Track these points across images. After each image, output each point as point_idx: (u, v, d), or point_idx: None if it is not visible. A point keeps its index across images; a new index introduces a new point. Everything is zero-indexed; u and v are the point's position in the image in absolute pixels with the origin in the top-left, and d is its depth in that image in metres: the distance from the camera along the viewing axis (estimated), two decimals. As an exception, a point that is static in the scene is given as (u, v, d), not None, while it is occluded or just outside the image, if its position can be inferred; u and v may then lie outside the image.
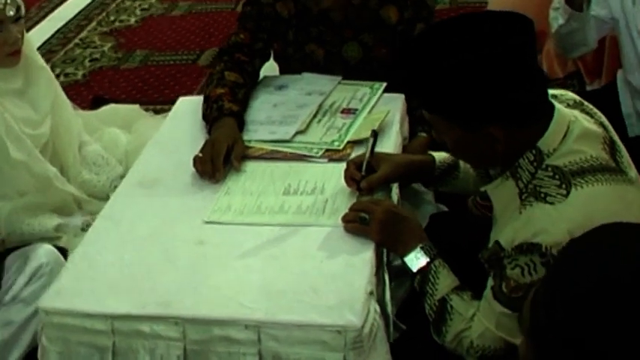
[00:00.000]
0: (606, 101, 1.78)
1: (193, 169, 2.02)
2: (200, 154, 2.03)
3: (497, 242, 1.52)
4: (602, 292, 0.91)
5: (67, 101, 2.48)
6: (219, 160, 1.99)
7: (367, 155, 1.86)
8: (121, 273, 1.72)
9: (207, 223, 1.85)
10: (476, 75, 1.42)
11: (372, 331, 1.57)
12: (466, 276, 1.75)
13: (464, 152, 1.62)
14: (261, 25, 2.39)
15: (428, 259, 1.70)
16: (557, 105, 1.55)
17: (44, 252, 2.08)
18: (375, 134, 1.89)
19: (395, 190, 1.99)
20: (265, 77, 2.49)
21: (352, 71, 2.39)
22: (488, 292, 1.57)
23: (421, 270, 1.70)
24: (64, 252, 2.20)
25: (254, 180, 1.99)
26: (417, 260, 1.71)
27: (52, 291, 1.70)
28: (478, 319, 1.61)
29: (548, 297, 0.94)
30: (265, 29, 2.40)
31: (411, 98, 2.35)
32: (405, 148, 2.25)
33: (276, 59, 2.55)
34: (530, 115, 1.50)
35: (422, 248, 1.71)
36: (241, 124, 2.18)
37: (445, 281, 1.69)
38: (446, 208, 2.49)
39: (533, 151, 1.50)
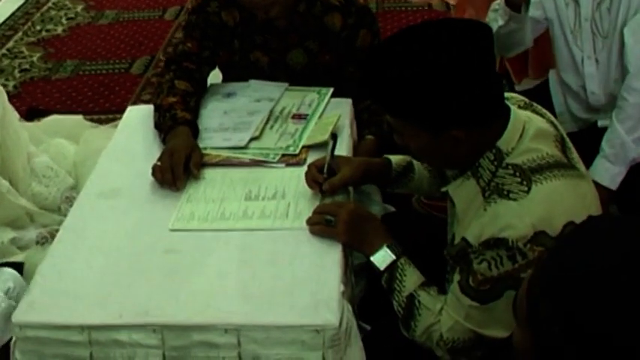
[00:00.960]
0: (538, 100, 1.88)
1: (152, 179, 2.02)
2: (159, 163, 2.04)
3: (464, 239, 1.59)
4: (599, 279, 0.96)
5: (14, 112, 2.46)
6: (179, 169, 2.01)
7: (328, 158, 1.91)
8: (92, 284, 1.72)
9: (173, 230, 1.87)
10: (437, 80, 1.48)
11: (348, 328, 1.62)
12: (421, 272, 1.83)
13: (428, 155, 1.68)
14: (207, 34, 2.41)
15: (394, 258, 1.77)
16: (511, 106, 1.64)
17: (10, 275, 2.05)
18: (335, 137, 1.95)
19: (352, 191, 2.05)
20: (212, 85, 2.51)
21: (297, 78, 2.43)
22: (455, 287, 1.64)
23: (388, 268, 1.77)
24: (18, 268, 2.18)
25: (214, 187, 2.02)
26: (383, 259, 1.77)
27: (23, 304, 1.69)
28: (447, 312, 1.68)
29: (547, 286, 1.00)
30: (211, 37, 2.42)
31: (358, 101, 2.42)
32: (354, 150, 2.30)
33: (220, 67, 2.57)
34: (490, 116, 1.57)
35: (388, 247, 1.77)
36: (196, 132, 2.20)
37: (412, 278, 1.75)
38: (393, 208, 2.56)
39: (493, 151, 1.58)
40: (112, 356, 1.63)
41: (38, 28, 4.75)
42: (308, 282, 1.68)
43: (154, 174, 2.02)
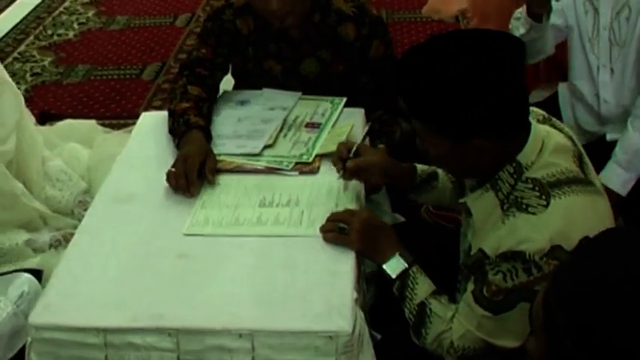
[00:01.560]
0: (547, 113, 1.91)
1: (166, 184, 2.04)
2: (173, 169, 2.06)
3: (481, 250, 1.61)
4: (614, 291, 0.98)
5: (31, 116, 2.48)
6: (193, 175, 2.03)
7: (360, 141, 1.98)
8: (107, 287, 1.74)
9: (187, 235, 1.89)
10: (468, 88, 1.49)
11: (360, 335, 1.64)
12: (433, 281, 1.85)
13: (448, 163, 1.69)
14: (222, 41, 2.44)
15: (406, 266, 1.79)
16: (531, 120, 1.65)
17: (26, 279, 2.07)
18: (371, 124, 2.04)
19: (363, 201, 2.07)
20: (225, 92, 2.53)
21: (310, 87, 2.45)
22: (468, 296, 1.66)
23: (400, 276, 1.79)
24: (37, 274, 2.20)
25: (229, 193, 2.04)
26: (395, 267, 1.80)
27: (39, 307, 1.71)
28: (458, 321, 1.69)
29: (562, 298, 1.01)
30: (226, 45, 2.44)
31: (370, 112, 2.44)
32: None
33: (234, 75, 2.59)
34: (513, 129, 1.58)
35: (400, 255, 1.80)
36: (209, 138, 2.22)
37: (423, 286, 1.77)
38: (402, 218, 2.58)
39: (513, 164, 1.59)
40: (127, 359, 1.65)
41: (50, 32, 4.79)
42: (321, 288, 1.70)
43: (168, 180, 2.04)
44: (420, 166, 2.02)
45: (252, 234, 1.88)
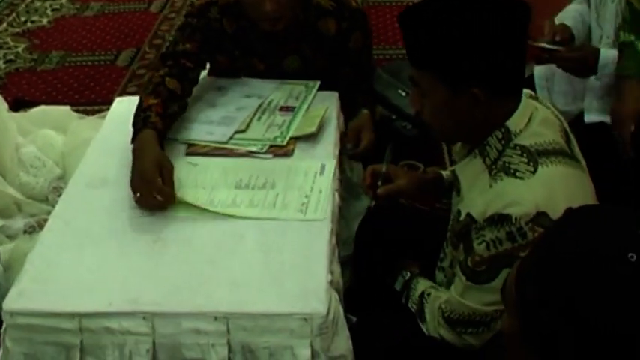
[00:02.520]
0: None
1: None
2: (138, 194, 1.93)
3: (468, 215, 1.62)
4: (591, 264, 0.97)
5: (4, 103, 2.46)
6: (164, 191, 1.92)
7: (385, 168, 2.00)
8: (82, 272, 1.74)
9: (162, 217, 1.89)
10: (474, 36, 1.51)
11: (335, 317, 1.65)
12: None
13: (441, 116, 1.66)
14: (208, 39, 2.36)
15: (406, 278, 1.92)
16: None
17: None
18: (393, 147, 2.03)
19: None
20: (204, 78, 2.49)
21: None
22: (457, 265, 1.69)
23: (404, 288, 1.90)
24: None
25: (206, 174, 2.04)
26: (399, 282, 1.94)
27: (14, 293, 1.71)
28: (447, 289, 1.74)
29: (539, 270, 1.01)
30: (211, 43, 2.38)
31: (353, 87, 2.45)
32: (348, 126, 2.36)
33: (218, 71, 2.54)
34: (509, 88, 1.60)
35: (402, 273, 1.95)
36: (163, 140, 2.11)
37: (423, 285, 1.85)
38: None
39: (502, 130, 1.60)
40: (103, 343, 1.65)
41: (23, 19, 4.73)
42: (296, 271, 1.71)
43: (139, 204, 1.93)
44: (445, 172, 2.05)
45: (225, 214, 1.89)
